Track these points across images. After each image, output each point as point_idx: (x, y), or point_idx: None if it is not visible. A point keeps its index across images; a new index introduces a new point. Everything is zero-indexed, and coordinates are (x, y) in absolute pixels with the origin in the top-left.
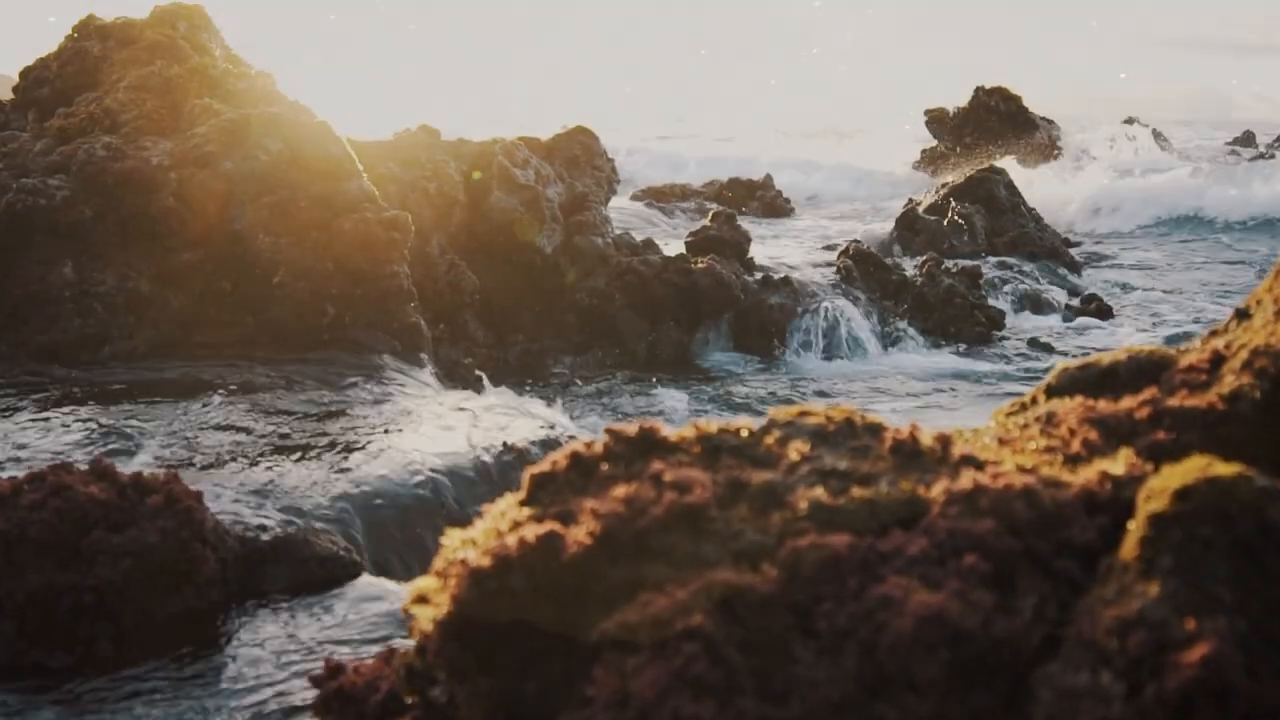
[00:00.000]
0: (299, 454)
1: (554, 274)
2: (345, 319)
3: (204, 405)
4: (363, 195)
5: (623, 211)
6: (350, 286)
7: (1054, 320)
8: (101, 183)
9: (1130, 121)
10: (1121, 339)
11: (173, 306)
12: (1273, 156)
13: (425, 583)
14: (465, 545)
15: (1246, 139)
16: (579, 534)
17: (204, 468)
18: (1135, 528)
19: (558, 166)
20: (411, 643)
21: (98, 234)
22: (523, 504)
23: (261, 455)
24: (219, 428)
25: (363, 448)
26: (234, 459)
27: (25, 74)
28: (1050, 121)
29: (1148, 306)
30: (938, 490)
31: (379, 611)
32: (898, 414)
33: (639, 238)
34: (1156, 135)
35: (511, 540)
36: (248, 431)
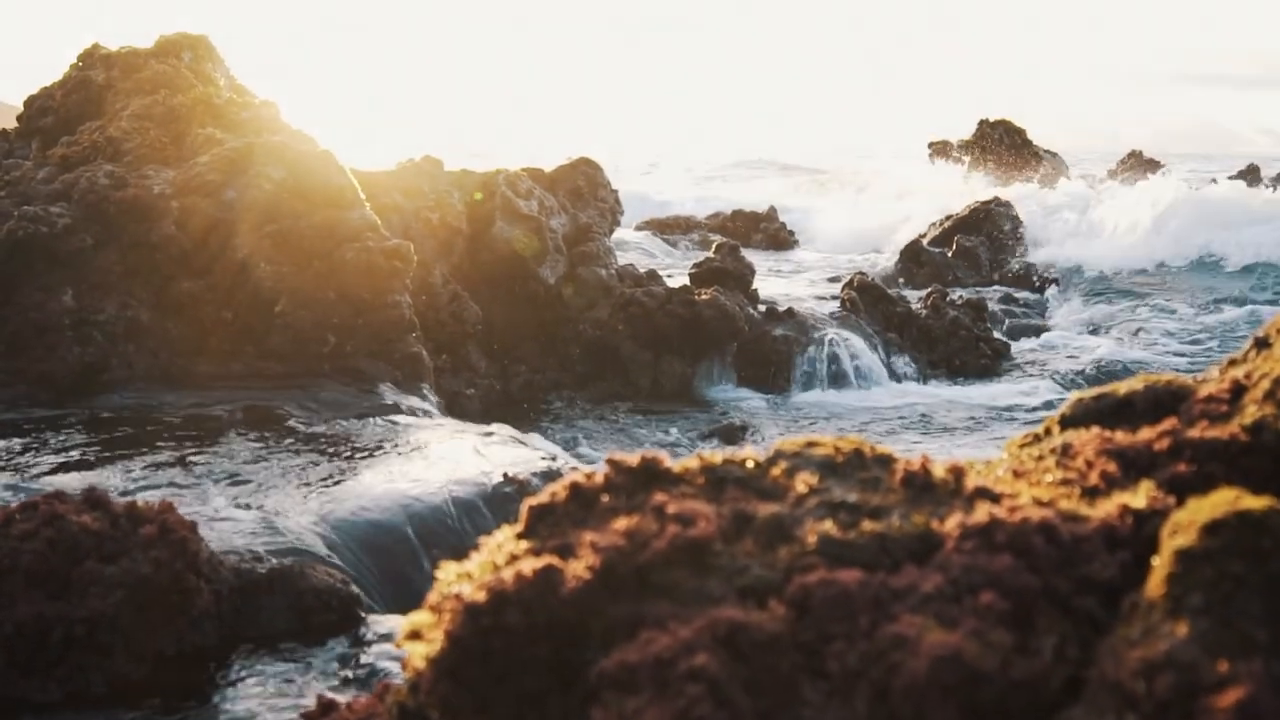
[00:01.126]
0: (297, 484)
1: (557, 305)
2: (346, 348)
3: (202, 435)
4: (365, 225)
5: (627, 243)
6: (352, 316)
7: (1059, 350)
8: (103, 211)
9: (1134, 155)
10: (1129, 364)
11: (173, 335)
12: (1276, 190)
13: (419, 618)
14: (460, 579)
15: (1250, 173)
16: (578, 568)
17: (199, 497)
18: (1161, 564)
19: (561, 197)
20: (406, 679)
21: (98, 262)
22: (520, 536)
23: (258, 485)
24: (215, 457)
25: (362, 479)
26: (230, 489)
27: (29, 103)
28: (1054, 154)
29: (1153, 333)
30: (952, 524)
31: (375, 646)
32: (905, 445)
33: (643, 269)
34: (1157, 167)
35: (508, 574)
36: (245, 461)
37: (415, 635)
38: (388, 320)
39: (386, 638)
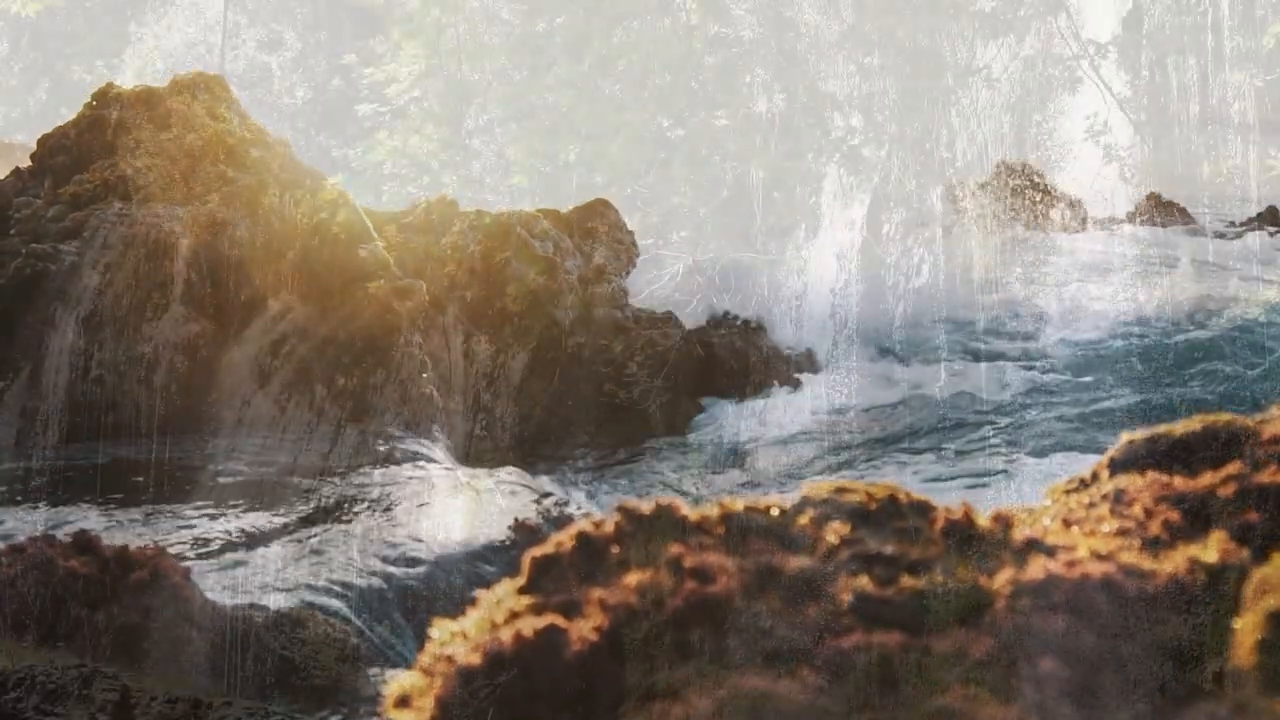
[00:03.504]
0: (302, 529)
1: (570, 345)
2: (356, 387)
3: (204, 477)
4: (377, 263)
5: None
6: (363, 355)
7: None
8: (112, 248)
9: (1153, 197)
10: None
11: (181, 373)
12: None
13: (409, 680)
14: (454, 639)
15: (1270, 215)
16: (584, 629)
17: (196, 542)
18: (1248, 628)
19: (576, 238)
20: None
21: (106, 299)
22: (522, 591)
23: (259, 530)
24: (217, 501)
25: (367, 524)
26: (233, 534)
27: (43, 142)
28: (1071, 197)
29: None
30: (1002, 580)
31: (374, 701)
32: (930, 481)
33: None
34: (1178, 209)
35: (506, 634)
36: (247, 505)
37: (403, 701)
38: (399, 359)
39: (384, 694)
